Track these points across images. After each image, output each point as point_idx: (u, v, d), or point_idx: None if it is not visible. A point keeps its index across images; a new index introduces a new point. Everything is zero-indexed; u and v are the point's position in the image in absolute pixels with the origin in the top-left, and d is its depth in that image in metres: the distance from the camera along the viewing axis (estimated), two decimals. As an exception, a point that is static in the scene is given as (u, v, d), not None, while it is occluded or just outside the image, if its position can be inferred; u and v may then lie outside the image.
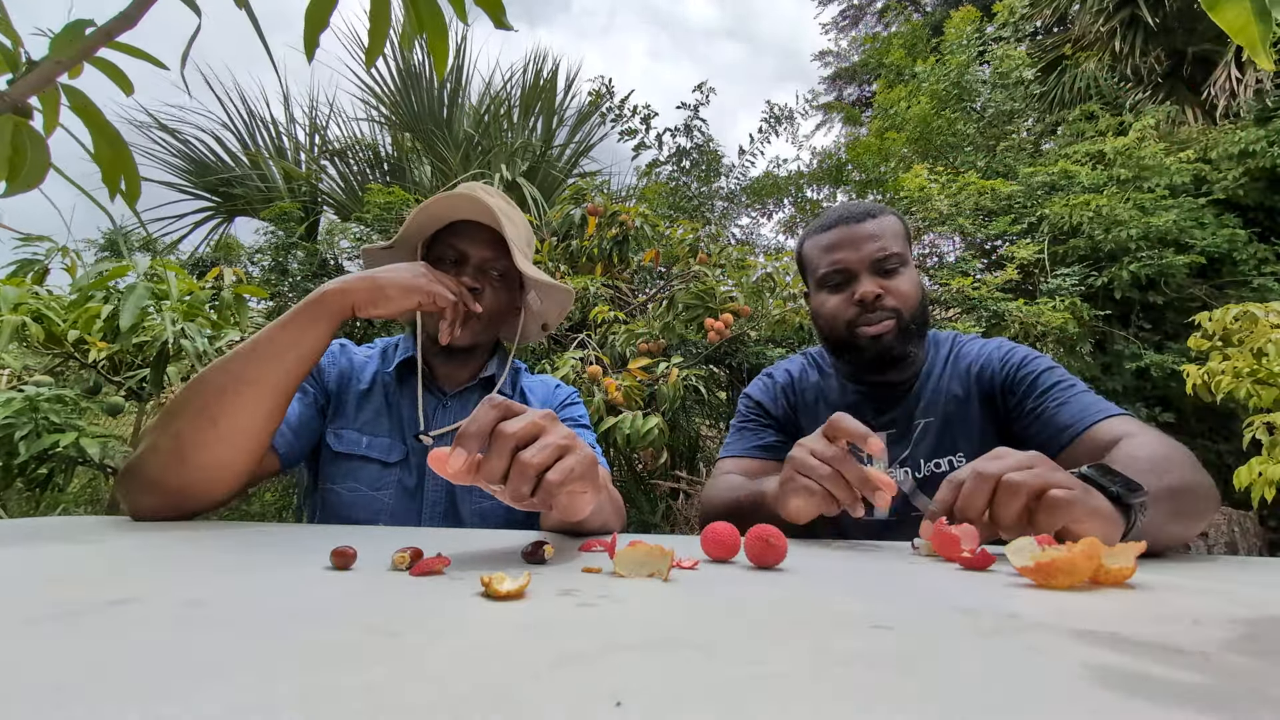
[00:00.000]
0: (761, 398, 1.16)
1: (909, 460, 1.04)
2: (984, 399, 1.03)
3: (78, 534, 0.60)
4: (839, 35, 12.97)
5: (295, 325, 0.78)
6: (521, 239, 1.02)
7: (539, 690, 0.23)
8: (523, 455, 0.51)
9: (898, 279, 1.01)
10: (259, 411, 0.76)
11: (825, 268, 1.04)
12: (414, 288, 0.85)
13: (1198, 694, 0.24)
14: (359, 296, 0.82)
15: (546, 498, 0.52)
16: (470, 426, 0.51)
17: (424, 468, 0.97)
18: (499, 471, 0.51)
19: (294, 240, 4.01)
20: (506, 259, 1.00)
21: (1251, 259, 4.23)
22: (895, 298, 1.00)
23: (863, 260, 1.01)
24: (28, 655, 0.25)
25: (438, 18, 0.61)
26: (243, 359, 0.75)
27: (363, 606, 0.36)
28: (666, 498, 3.32)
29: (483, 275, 1.00)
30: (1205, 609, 0.39)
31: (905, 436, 1.05)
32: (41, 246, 1.92)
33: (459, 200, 0.96)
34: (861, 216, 1.03)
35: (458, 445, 0.51)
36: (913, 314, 1.01)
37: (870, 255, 1.01)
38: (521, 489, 0.51)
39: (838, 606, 0.39)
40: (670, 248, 3.34)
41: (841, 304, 1.03)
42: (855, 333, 1.01)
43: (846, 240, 1.03)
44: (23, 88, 0.51)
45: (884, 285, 1.00)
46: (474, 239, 1.00)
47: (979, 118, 5.97)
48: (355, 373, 1.02)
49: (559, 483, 0.52)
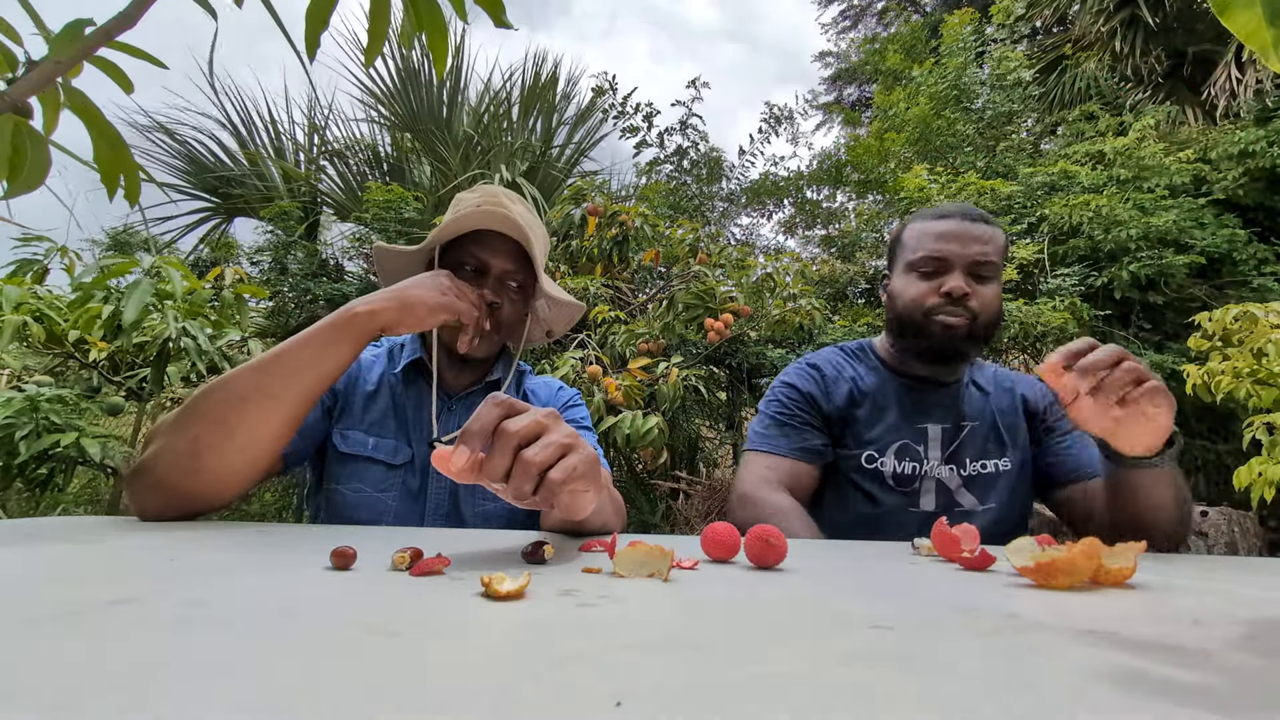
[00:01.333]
0: (812, 389, 1.14)
1: (954, 458, 1.09)
2: (1029, 418, 1.14)
3: (78, 534, 0.60)
4: (839, 36, 12.98)
5: (320, 342, 0.77)
6: (542, 250, 1.02)
7: (539, 690, 0.23)
8: (525, 453, 0.51)
9: (987, 286, 1.05)
10: (276, 424, 0.75)
11: (925, 252, 1.07)
12: (441, 306, 0.85)
13: (1198, 693, 0.24)
14: (388, 318, 0.81)
15: (549, 496, 0.52)
16: (473, 424, 0.51)
17: (429, 470, 0.97)
18: (501, 470, 0.51)
19: (294, 240, 4.01)
20: (525, 271, 1.00)
21: (1251, 259, 4.23)
22: (979, 301, 1.04)
23: (964, 258, 1.05)
24: (28, 655, 0.25)
25: (437, 16, 0.61)
26: (265, 371, 0.74)
27: (363, 607, 0.36)
28: (666, 498, 3.32)
29: (502, 287, 0.99)
30: (1205, 609, 0.39)
31: (955, 436, 1.10)
32: (41, 246, 1.93)
33: (489, 214, 0.95)
34: (978, 219, 1.07)
35: (461, 443, 0.50)
36: (987, 322, 1.06)
37: (972, 255, 1.04)
38: (524, 487, 0.51)
39: (838, 606, 0.39)
40: (670, 248, 3.34)
41: (928, 291, 1.06)
42: (932, 320, 1.05)
43: (957, 234, 1.06)
44: (23, 87, 0.51)
45: (974, 287, 1.04)
46: (496, 250, 0.98)
47: (978, 118, 5.97)
48: (362, 373, 1.02)
49: (561, 481, 0.51)
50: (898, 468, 1.08)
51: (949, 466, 1.08)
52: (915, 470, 1.08)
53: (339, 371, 0.80)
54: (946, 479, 1.08)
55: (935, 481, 1.08)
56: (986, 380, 1.17)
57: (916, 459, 1.09)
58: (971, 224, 1.06)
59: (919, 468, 1.08)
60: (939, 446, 1.10)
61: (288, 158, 5.13)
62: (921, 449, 1.09)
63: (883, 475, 1.08)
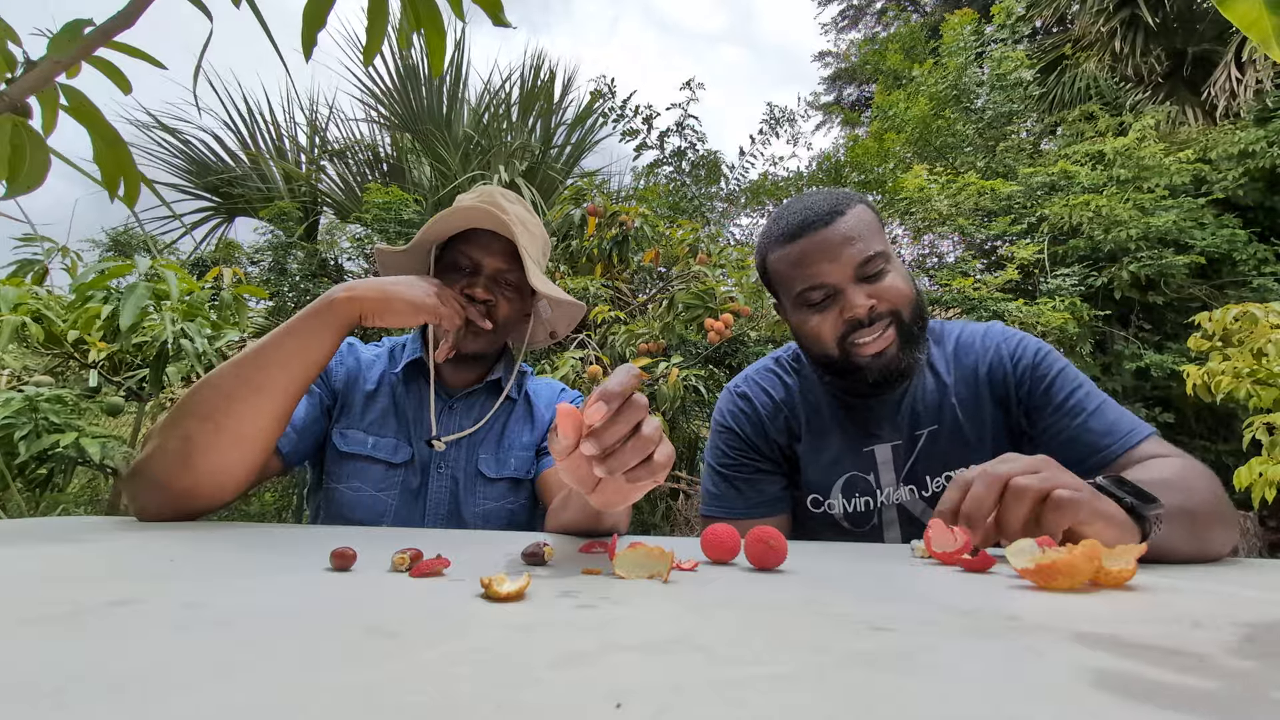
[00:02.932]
0: (746, 429, 0.99)
1: (912, 475, 0.93)
2: (998, 401, 0.93)
3: (78, 534, 0.60)
4: (838, 36, 12.99)
5: (304, 331, 0.78)
6: (537, 249, 1.02)
7: (539, 692, 0.23)
8: (644, 429, 0.51)
9: (887, 279, 0.87)
10: (265, 416, 0.76)
11: (802, 284, 0.89)
12: (422, 306, 0.85)
13: (1197, 696, 0.24)
14: (368, 305, 0.81)
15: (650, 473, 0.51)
16: (613, 386, 0.50)
17: (429, 469, 0.98)
18: (623, 434, 0.50)
19: (293, 240, 4.01)
20: (520, 270, 1.00)
21: (1251, 259, 4.23)
22: (890, 301, 0.87)
23: (844, 271, 0.86)
24: (28, 655, 0.25)
25: (435, 14, 0.61)
26: (250, 364, 0.75)
27: (363, 607, 0.36)
28: (666, 498, 3.32)
29: (496, 285, 0.99)
30: (1205, 611, 0.39)
31: (910, 450, 0.94)
32: (41, 246, 1.93)
33: (477, 211, 0.96)
34: (828, 216, 0.87)
35: (600, 399, 0.49)
36: (912, 313, 0.89)
37: (852, 263, 0.86)
38: (631, 461, 0.50)
39: (838, 608, 0.39)
40: (670, 248, 3.34)
41: (831, 323, 0.88)
42: (852, 352, 0.88)
43: (818, 250, 0.87)
44: (22, 87, 0.51)
45: (874, 292, 0.87)
46: (489, 249, 0.99)
47: (978, 119, 5.97)
48: (362, 373, 1.02)
49: (664, 465, 0.51)
50: (848, 506, 0.94)
51: (908, 488, 0.93)
52: (869, 505, 0.94)
53: (323, 360, 0.80)
54: (908, 503, 0.93)
55: (896, 509, 0.94)
56: (946, 359, 0.97)
57: (868, 491, 0.94)
58: (826, 228, 0.87)
59: (872, 501, 0.94)
60: (891, 469, 0.94)
61: (288, 157, 5.13)
62: (871, 477, 0.94)
63: (833, 519, 0.95)
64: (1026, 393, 0.91)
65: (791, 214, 0.91)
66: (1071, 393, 0.87)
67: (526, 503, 1.02)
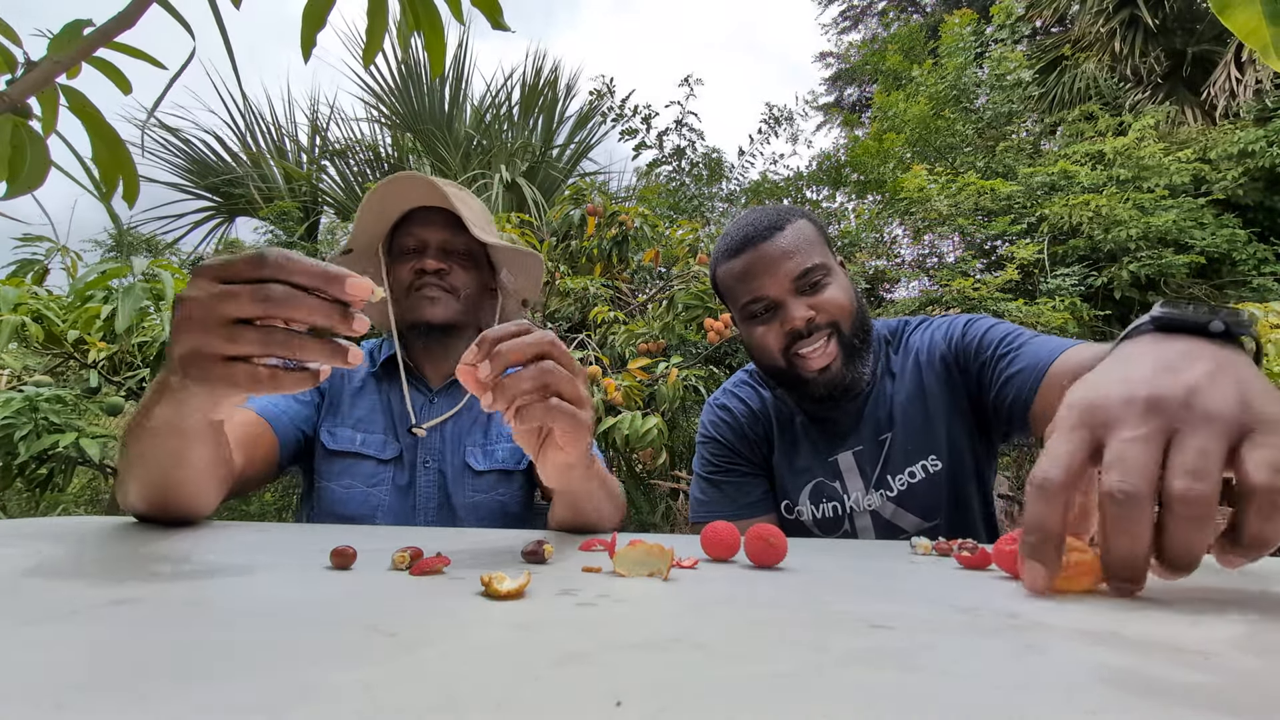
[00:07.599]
0: (729, 436, 1.04)
1: (880, 481, 0.96)
2: (945, 384, 0.96)
3: (78, 534, 0.60)
4: (839, 36, 12.99)
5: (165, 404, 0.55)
6: (476, 214, 1.04)
7: (539, 690, 0.23)
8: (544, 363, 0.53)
9: (826, 292, 0.91)
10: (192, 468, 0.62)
11: (744, 296, 0.94)
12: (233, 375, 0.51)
13: (1199, 693, 0.24)
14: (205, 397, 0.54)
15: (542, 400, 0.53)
16: (490, 333, 0.53)
17: (416, 464, 0.99)
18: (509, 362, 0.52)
19: (294, 240, 4.01)
20: (465, 235, 1.01)
21: (1251, 259, 4.24)
22: (828, 313, 0.91)
23: (782, 284, 0.90)
24: (28, 655, 0.25)
25: (434, 16, 0.61)
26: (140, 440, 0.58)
27: (362, 606, 0.36)
28: (666, 498, 3.32)
29: (447, 256, 1.02)
30: (1206, 608, 0.39)
31: (876, 455, 0.97)
32: (41, 246, 1.93)
33: (404, 186, 0.98)
34: (768, 231, 0.92)
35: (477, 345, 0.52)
36: (853, 325, 0.92)
37: (790, 275, 0.90)
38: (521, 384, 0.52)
39: (838, 606, 0.39)
40: (670, 248, 3.34)
41: (773, 335, 0.93)
42: (797, 364, 0.92)
43: (759, 265, 0.91)
44: (22, 88, 0.51)
45: (813, 304, 0.90)
46: (428, 222, 1.02)
47: (978, 119, 5.98)
48: (348, 371, 1.03)
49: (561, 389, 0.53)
50: (816, 513, 0.98)
51: (878, 492, 0.96)
52: (838, 510, 0.97)
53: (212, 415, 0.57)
54: (879, 507, 0.96)
55: (868, 514, 0.97)
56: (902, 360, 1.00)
57: (835, 497, 0.97)
58: (766, 243, 0.91)
59: (840, 507, 0.97)
60: (857, 475, 0.97)
61: (289, 157, 5.13)
62: (838, 485, 0.97)
63: (804, 526, 0.99)
64: (967, 360, 0.93)
65: (736, 229, 0.96)
66: (1002, 339, 0.90)
67: (519, 494, 1.02)
